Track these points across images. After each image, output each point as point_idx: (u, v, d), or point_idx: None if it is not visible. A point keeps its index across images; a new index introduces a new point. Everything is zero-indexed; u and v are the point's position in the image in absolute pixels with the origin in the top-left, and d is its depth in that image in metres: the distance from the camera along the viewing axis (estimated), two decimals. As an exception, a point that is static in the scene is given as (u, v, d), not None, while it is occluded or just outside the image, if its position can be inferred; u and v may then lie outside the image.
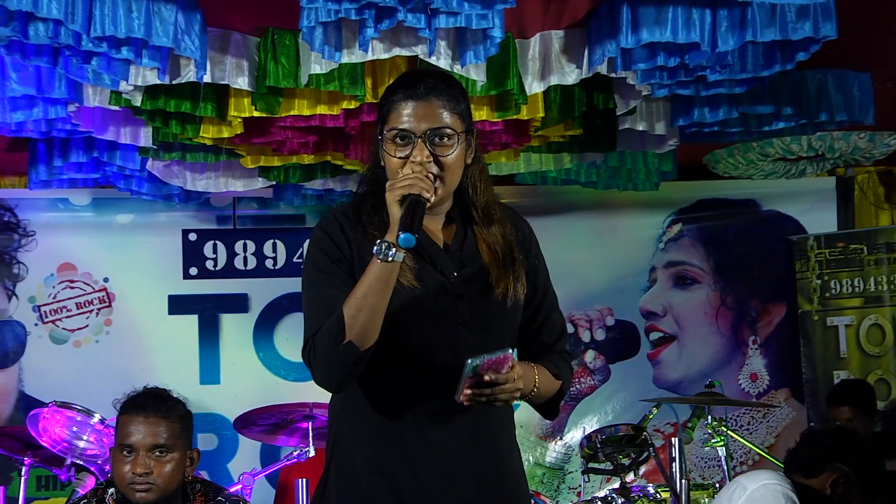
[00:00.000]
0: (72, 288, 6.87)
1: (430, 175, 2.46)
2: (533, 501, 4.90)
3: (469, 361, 2.36)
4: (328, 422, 2.72)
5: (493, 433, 2.61)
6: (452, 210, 2.64)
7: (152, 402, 3.46)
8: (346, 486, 2.58)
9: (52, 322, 6.83)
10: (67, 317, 6.84)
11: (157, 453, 3.39)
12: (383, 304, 2.43)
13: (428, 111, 2.49)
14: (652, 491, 5.08)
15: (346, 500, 2.57)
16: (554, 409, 2.74)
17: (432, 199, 2.45)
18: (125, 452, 3.40)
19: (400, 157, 2.50)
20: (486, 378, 2.39)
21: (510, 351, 2.42)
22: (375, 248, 2.40)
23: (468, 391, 2.40)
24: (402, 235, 2.35)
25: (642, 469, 5.19)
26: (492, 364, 2.39)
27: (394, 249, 2.39)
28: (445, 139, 2.49)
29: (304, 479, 4.90)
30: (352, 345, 2.42)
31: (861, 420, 5.68)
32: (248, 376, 6.94)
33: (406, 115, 2.49)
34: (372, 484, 2.54)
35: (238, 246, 7.01)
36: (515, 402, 2.59)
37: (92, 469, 4.92)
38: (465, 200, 2.64)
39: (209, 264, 6.98)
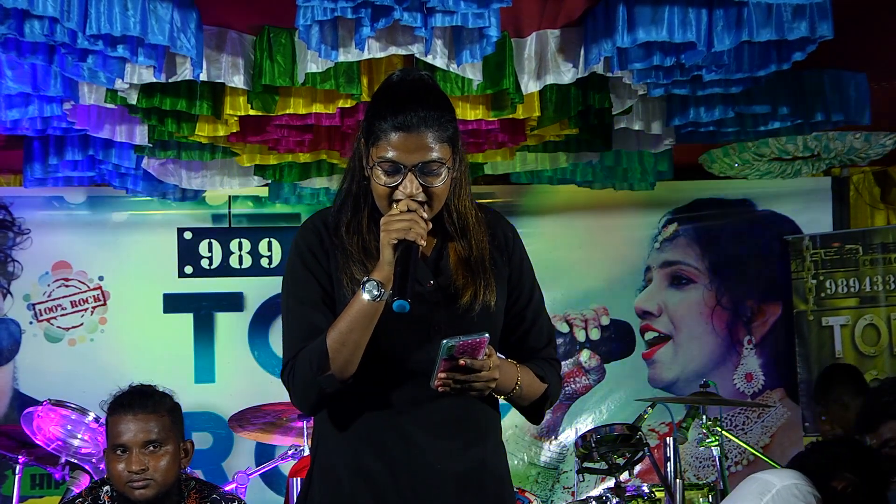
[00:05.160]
0: (66, 286, 6.86)
1: (424, 216, 2.47)
2: (520, 500, 4.89)
3: (444, 342, 2.37)
4: (313, 422, 2.74)
5: (476, 435, 2.60)
6: (433, 220, 2.62)
7: (139, 399, 3.46)
8: (329, 486, 2.60)
9: (47, 320, 6.82)
10: (62, 315, 6.84)
11: (151, 449, 3.40)
12: (366, 338, 2.47)
13: (419, 144, 2.47)
14: (647, 490, 5.08)
15: (329, 500, 2.59)
16: (539, 414, 2.74)
17: (424, 244, 2.47)
18: (119, 452, 3.40)
19: (389, 186, 2.50)
20: (462, 362, 2.40)
21: (486, 335, 2.41)
22: (364, 287, 2.43)
23: (442, 375, 2.41)
24: (396, 302, 2.38)
25: (637, 469, 5.18)
26: (467, 346, 2.39)
27: (381, 290, 2.43)
28: (434, 170, 2.50)
29: (299, 479, 4.89)
30: (333, 376, 2.48)
31: (856, 401, 5.41)
32: (243, 375, 6.93)
33: (396, 146, 2.47)
34: (353, 484, 2.55)
35: (233, 244, 7.00)
36: (502, 403, 2.60)
37: (86, 467, 4.91)
38: (445, 206, 2.62)
39: (204, 263, 6.97)
